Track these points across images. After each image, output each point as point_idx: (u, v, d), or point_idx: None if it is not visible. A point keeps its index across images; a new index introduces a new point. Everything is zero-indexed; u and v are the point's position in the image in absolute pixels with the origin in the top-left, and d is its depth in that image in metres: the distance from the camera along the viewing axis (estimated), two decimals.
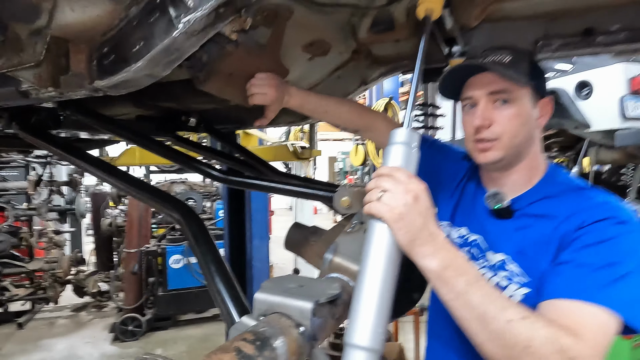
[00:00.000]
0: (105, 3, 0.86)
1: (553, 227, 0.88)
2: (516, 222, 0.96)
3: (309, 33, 1.38)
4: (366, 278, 0.71)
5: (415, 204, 0.72)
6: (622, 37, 1.31)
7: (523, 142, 0.96)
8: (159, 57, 0.89)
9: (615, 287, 0.76)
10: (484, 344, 0.72)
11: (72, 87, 1.00)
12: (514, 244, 0.94)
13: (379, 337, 0.67)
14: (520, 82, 0.93)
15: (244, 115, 2.05)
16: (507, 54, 0.97)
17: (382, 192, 0.73)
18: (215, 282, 0.89)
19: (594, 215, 0.84)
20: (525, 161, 0.99)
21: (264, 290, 0.74)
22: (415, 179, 0.75)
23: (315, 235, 1.30)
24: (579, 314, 0.74)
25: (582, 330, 0.71)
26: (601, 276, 0.77)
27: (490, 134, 0.95)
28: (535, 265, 0.89)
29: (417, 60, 0.87)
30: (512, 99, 0.95)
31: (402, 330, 4.44)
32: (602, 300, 0.75)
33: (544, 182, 0.98)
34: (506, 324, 0.69)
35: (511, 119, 0.94)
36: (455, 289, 0.72)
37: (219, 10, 0.85)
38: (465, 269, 0.73)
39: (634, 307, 0.76)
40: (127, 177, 1.19)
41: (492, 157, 0.96)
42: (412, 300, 1.10)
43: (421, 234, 0.72)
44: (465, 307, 0.72)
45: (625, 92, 4.11)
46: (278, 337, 0.63)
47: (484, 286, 0.72)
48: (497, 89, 0.95)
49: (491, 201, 0.98)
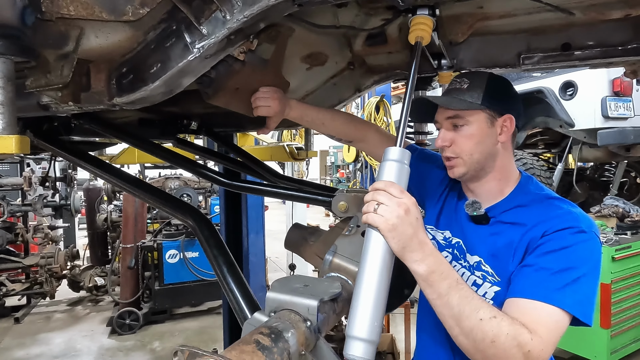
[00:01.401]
0: (126, 30, 0.94)
1: (522, 233, 1.02)
2: (491, 228, 1.10)
3: (308, 47, 1.47)
4: (364, 279, 0.81)
5: (406, 216, 0.83)
6: (597, 52, 1.42)
7: (482, 158, 1.10)
8: (175, 77, 0.98)
9: (568, 290, 0.90)
10: (459, 337, 0.86)
11: (91, 103, 1.08)
12: (487, 247, 1.08)
13: (376, 330, 0.78)
14: (471, 107, 1.07)
15: (243, 119, 2.13)
16: (465, 81, 1.11)
17: (378, 205, 0.84)
18: (227, 281, 0.99)
19: (557, 224, 0.97)
20: (492, 173, 1.12)
21: (274, 289, 0.84)
22: (407, 194, 0.85)
23: (313, 236, 1.40)
24: (537, 312, 0.88)
25: (538, 327, 0.85)
26: (557, 279, 0.91)
27: (451, 153, 1.11)
28: (504, 266, 1.02)
29: (408, 83, 0.97)
30: (466, 122, 1.09)
31: (393, 322, 4.59)
32: (557, 301, 0.88)
33: (516, 192, 1.12)
34: (478, 322, 0.83)
35: (466, 139, 1.09)
36: (438, 290, 0.85)
37: (230, 37, 0.93)
38: (448, 274, 0.85)
39: (584, 306, 0.90)
40: (140, 183, 1.27)
41: (457, 173, 1.12)
42: (403, 295, 1.21)
43: (411, 242, 0.83)
44: (446, 306, 0.85)
45: (607, 93, 4.26)
46: (289, 331, 0.73)
47: (462, 289, 0.85)
48: (451, 115, 1.10)
49: (470, 209, 1.11)
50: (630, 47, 1.37)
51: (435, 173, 1.34)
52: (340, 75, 1.76)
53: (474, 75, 1.14)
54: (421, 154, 1.45)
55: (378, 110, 5.52)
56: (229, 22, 0.85)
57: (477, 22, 1.38)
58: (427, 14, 1.02)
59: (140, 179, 1.31)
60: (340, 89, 1.82)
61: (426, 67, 1.52)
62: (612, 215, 4.35)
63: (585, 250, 0.95)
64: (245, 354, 0.63)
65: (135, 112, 2.06)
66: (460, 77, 1.14)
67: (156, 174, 7.40)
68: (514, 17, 1.36)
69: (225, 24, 0.85)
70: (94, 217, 5.99)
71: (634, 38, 1.36)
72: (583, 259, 0.94)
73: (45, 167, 6.38)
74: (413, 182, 1.38)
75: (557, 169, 5.06)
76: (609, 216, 4.36)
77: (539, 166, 4.99)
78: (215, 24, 0.86)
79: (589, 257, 0.94)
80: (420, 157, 1.42)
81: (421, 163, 1.39)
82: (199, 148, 2.19)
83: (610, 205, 4.47)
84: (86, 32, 0.92)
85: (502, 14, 1.34)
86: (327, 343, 0.80)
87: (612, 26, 1.37)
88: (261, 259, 3.75)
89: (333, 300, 0.87)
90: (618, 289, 3.68)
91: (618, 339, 3.71)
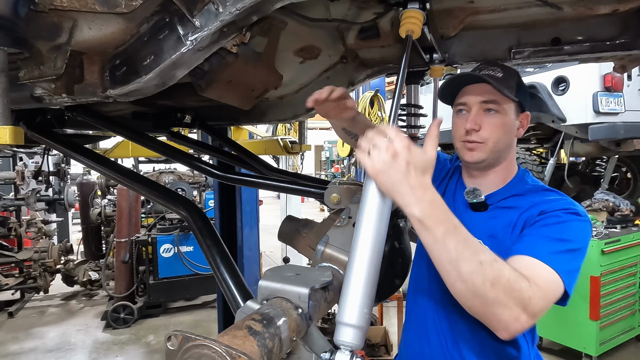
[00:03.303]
0: (120, 22, 0.95)
1: (519, 214, 1.06)
2: (489, 214, 1.14)
3: (301, 40, 1.48)
4: (354, 265, 0.82)
5: (393, 161, 0.79)
6: (586, 47, 1.44)
7: (503, 148, 1.13)
8: (168, 69, 0.98)
9: (563, 257, 0.94)
10: (456, 283, 0.83)
11: (85, 95, 1.08)
12: (486, 229, 1.10)
13: (365, 316, 0.80)
14: (509, 96, 1.09)
15: (237, 112, 2.14)
16: (499, 70, 1.12)
17: (371, 146, 0.82)
18: (220, 271, 1.01)
19: (553, 206, 1.03)
20: (502, 164, 1.16)
21: (266, 278, 0.86)
22: (401, 136, 0.82)
23: (306, 228, 1.41)
24: (537, 268, 0.91)
25: (538, 280, 0.87)
26: (555, 245, 0.95)
27: (477, 137, 1.11)
28: (503, 245, 1.04)
29: (398, 76, 0.98)
30: (500, 110, 1.10)
31: (386, 315, 4.63)
32: (553, 264, 0.91)
33: (514, 182, 1.16)
34: (478, 265, 0.81)
35: (497, 126, 1.10)
36: (434, 233, 0.81)
37: (224, 30, 0.93)
38: (445, 219, 0.82)
39: (572, 277, 0.94)
40: (135, 175, 1.28)
41: (477, 157, 1.13)
42: (394, 285, 1.24)
43: (400, 187, 0.79)
44: (442, 250, 0.81)
45: (599, 88, 4.30)
46: (281, 317, 0.75)
47: (460, 233, 0.82)
48: (489, 99, 1.10)
49: (470, 196, 1.14)
50: (618, 42, 1.39)
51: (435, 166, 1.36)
52: (334, 69, 1.77)
53: (504, 67, 1.15)
54: None
55: (372, 105, 5.53)
56: (222, 14, 0.85)
57: (468, 16, 1.39)
58: (417, 7, 1.04)
59: (134, 172, 1.31)
60: (333, 82, 1.83)
61: (418, 61, 1.54)
62: (603, 209, 4.41)
63: (580, 229, 1.00)
64: (237, 338, 0.65)
65: (128, 105, 2.06)
66: (492, 65, 1.14)
67: (150, 169, 7.38)
68: (504, 11, 1.38)
69: (217, 17, 0.86)
70: (88, 212, 5.97)
71: (622, 33, 1.38)
72: (578, 235, 0.99)
73: (38, 161, 6.34)
74: None
75: (549, 164, 5.11)
76: (599, 210, 4.42)
77: (532, 161, 5.04)
78: (208, 16, 0.87)
79: (582, 235, 1.00)
80: None
81: None
82: (192, 141, 2.19)
83: (601, 200, 4.52)
84: (79, 24, 0.93)
85: (492, 9, 1.36)
86: (318, 330, 0.82)
87: (601, 21, 1.39)
88: (255, 253, 3.76)
89: (324, 289, 0.89)
90: (607, 281, 3.74)
91: (607, 331, 3.77)
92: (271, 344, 0.69)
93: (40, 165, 5.25)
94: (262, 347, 0.66)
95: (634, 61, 1.53)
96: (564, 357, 3.96)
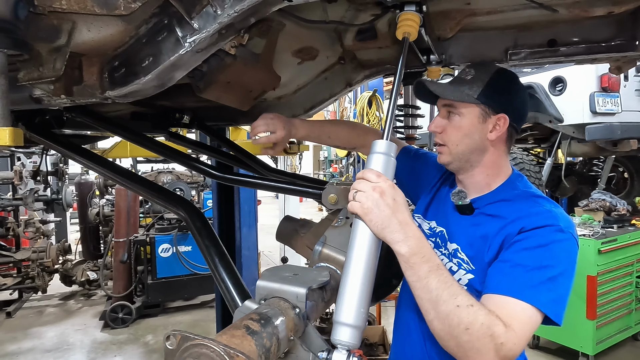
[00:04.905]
0: (118, 24, 0.96)
1: (499, 227, 1.03)
2: (473, 219, 1.13)
3: (299, 41, 1.49)
4: (351, 266, 0.84)
5: (381, 199, 0.84)
6: (582, 48, 1.46)
7: (467, 151, 1.11)
8: (166, 71, 0.99)
9: (542, 288, 0.91)
10: (434, 322, 0.87)
11: (84, 96, 1.09)
12: (466, 236, 1.11)
13: (361, 316, 0.81)
14: (464, 100, 1.09)
15: (235, 113, 2.14)
16: (471, 73, 1.12)
17: (356, 192, 0.86)
18: (219, 271, 1.01)
19: (536, 222, 0.98)
20: (479, 168, 1.14)
21: (264, 278, 0.86)
22: (384, 177, 0.87)
23: (304, 228, 1.42)
24: (511, 308, 0.89)
25: (513, 322, 0.86)
26: (533, 277, 0.92)
27: (440, 140, 1.15)
28: (479, 256, 1.05)
29: (395, 78, 0.99)
30: (458, 113, 1.11)
31: (384, 314, 4.65)
32: (531, 299, 0.89)
33: (503, 187, 1.14)
34: (455, 307, 0.84)
35: (454, 129, 1.12)
36: (418, 273, 0.85)
37: (222, 32, 0.94)
38: (429, 258, 0.86)
39: (557, 305, 0.92)
40: (133, 176, 1.29)
41: (443, 160, 1.16)
42: (391, 285, 1.25)
43: (390, 223, 0.84)
44: (424, 289, 0.86)
45: (596, 89, 4.32)
46: (278, 317, 0.76)
47: (442, 274, 0.86)
48: (447, 103, 1.13)
49: (455, 197, 1.15)
50: (613, 44, 1.40)
51: (430, 169, 1.37)
52: (331, 70, 1.78)
53: (482, 67, 1.14)
54: (417, 153, 1.49)
55: (370, 105, 5.54)
56: (220, 16, 0.86)
57: (465, 18, 1.40)
58: (414, 10, 1.05)
59: (133, 172, 1.32)
60: (331, 83, 1.84)
61: (415, 62, 1.55)
62: (600, 209, 4.43)
63: (562, 250, 0.96)
64: (235, 338, 0.66)
65: (127, 105, 2.06)
66: (469, 67, 1.15)
67: (148, 168, 7.38)
68: (500, 13, 1.38)
69: (216, 19, 0.87)
70: (86, 212, 5.97)
71: (617, 35, 1.39)
72: (559, 258, 0.95)
73: (36, 161, 6.33)
74: (408, 179, 1.43)
75: (547, 164, 5.13)
76: (596, 210, 4.43)
77: (529, 161, 5.05)
78: (206, 18, 0.88)
79: (564, 256, 0.95)
80: (416, 156, 1.46)
81: (417, 161, 1.43)
82: (191, 141, 2.20)
83: (598, 199, 4.54)
84: (78, 26, 0.93)
85: (489, 10, 1.36)
86: (315, 329, 0.83)
87: (596, 23, 1.40)
88: (254, 253, 3.77)
89: (321, 289, 0.90)
90: (604, 281, 3.76)
91: (603, 330, 3.79)
92: (269, 344, 0.69)
93: (38, 165, 5.25)
94: (260, 346, 0.67)
95: (630, 62, 1.55)
96: (561, 356, 3.98)
